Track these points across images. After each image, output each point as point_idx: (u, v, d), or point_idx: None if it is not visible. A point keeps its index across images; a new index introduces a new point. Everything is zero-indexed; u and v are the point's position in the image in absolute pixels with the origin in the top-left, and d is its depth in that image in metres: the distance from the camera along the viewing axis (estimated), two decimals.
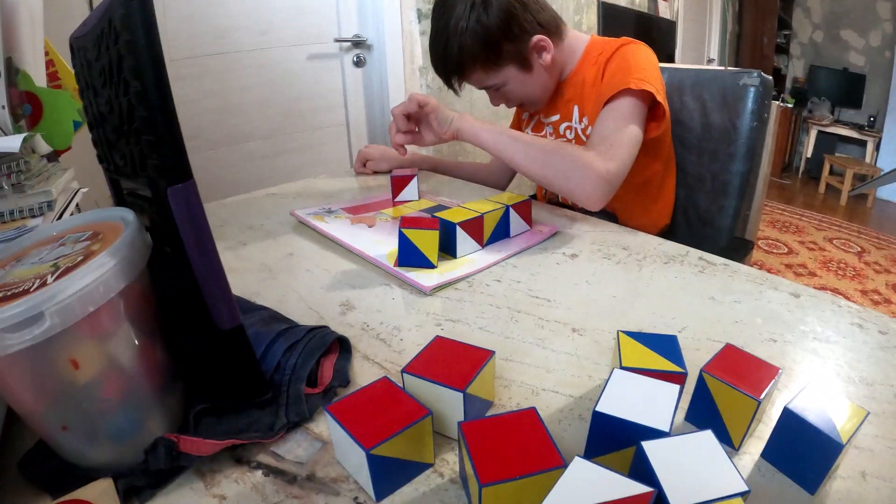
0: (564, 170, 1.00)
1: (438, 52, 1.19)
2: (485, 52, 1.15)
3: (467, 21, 1.11)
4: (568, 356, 0.62)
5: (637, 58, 1.15)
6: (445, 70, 1.21)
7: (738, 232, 1.42)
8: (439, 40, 1.17)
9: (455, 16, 1.12)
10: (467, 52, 1.15)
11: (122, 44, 0.38)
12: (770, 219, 5.03)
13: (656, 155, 1.28)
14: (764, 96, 1.26)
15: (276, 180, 1.40)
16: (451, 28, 1.13)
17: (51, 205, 0.80)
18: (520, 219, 0.94)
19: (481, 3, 1.11)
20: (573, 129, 1.28)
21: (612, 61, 1.17)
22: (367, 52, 2.70)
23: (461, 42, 1.13)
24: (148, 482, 0.44)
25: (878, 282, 3.76)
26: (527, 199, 0.94)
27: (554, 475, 0.36)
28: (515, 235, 0.94)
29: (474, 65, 1.18)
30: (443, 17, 1.15)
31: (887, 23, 5.82)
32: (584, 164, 0.99)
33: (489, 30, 1.12)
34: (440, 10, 1.16)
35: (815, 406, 0.43)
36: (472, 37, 1.13)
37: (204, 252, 0.43)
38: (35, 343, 0.36)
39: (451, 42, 1.14)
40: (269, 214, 1.08)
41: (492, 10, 1.11)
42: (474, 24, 1.11)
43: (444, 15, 1.14)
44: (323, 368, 0.58)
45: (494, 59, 1.17)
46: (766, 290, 0.75)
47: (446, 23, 1.13)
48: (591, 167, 0.98)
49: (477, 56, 1.16)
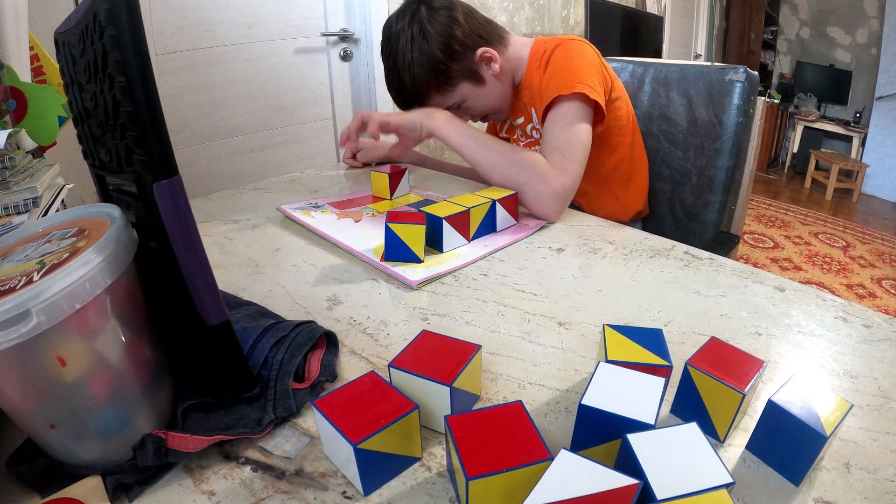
0: (522, 183, 1.00)
1: (395, 87, 1.25)
2: (435, 77, 1.20)
3: (411, 53, 1.18)
4: (554, 350, 0.62)
5: (570, 58, 1.15)
6: (406, 102, 1.26)
7: (723, 226, 1.43)
8: (392, 76, 1.23)
9: (400, 50, 1.19)
10: (420, 81, 1.20)
11: (107, 38, 0.38)
12: (756, 213, 5.06)
13: (616, 146, 1.30)
14: (750, 92, 1.27)
15: (263, 175, 1.40)
16: (399, 63, 1.20)
17: (36, 201, 0.80)
18: (506, 213, 0.94)
19: (419, 32, 1.17)
20: (537, 129, 1.31)
21: (550, 63, 1.19)
22: (354, 46, 2.69)
23: (412, 73, 1.19)
24: (136, 479, 0.44)
25: (863, 276, 3.81)
26: (513, 193, 0.94)
27: (540, 468, 0.37)
28: (502, 230, 0.94)
29: (429, 91, 1.22)
30: (390, 54, 1.22)
31: (874, 20, 5.87)
32: (540, 178, 1.00)
33: (433, 56, 1.17)
34: (386, 48, 1.23)
35: (799, 398, 0.44)
36: (419, 66, 1.18)
37: (190, 247, 0.43)
38: (22, 341, 0.36)
39: (403, 76, 1.20)
40: (256, 209, 1.08)
41: (431, 38, 1.17)
42: (418, 55, 1.17)
43: (391, 52, 1.21)
44: (310, 363, 0.58)
45: (446, 80, 1.22)
46: (752, 284, 0.76)
47: (394, 59, 1.20)
48: (547, 183, 0.99)
49: (429, 82, 1.21)
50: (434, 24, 1.17)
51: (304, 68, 2.57)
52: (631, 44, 4.01)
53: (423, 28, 1.17)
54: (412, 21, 1.18)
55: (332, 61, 2.65)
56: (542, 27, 3.47)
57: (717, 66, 1.32)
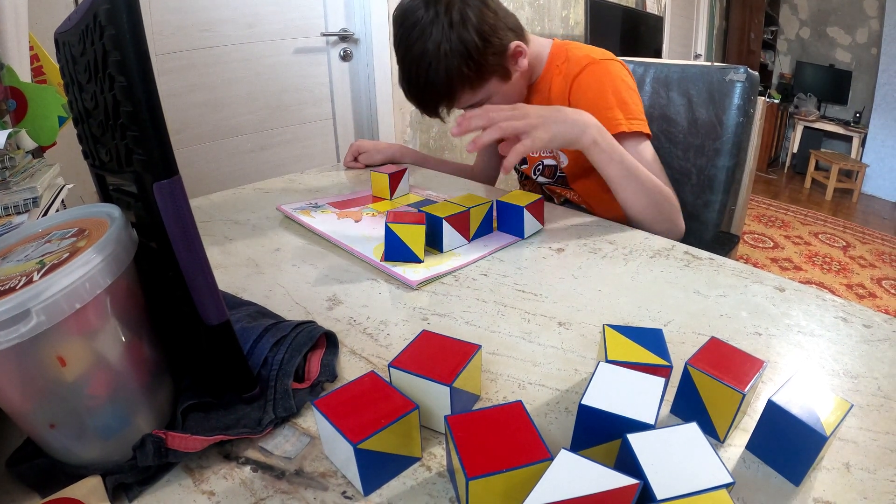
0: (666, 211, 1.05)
1: (419, 83, 1.12)
2: (472, 69, 1.10)
3: (450, 42, 1.06)
4: (554, 350, 0.62)
5: (619, 90, 1.14)
6: (432, 98, 1.15)
7: (723, 226, 1.43)
8: (417, 70, 1.10)
9: (433, 40, 1.07)
10: (455, 74, 1.10)
11: (107, 38, 0.38)
12: (756, 213, 5.06)
13: None
14: (750, 92, 1.27)
15: (263, 175, 1.39)
16: (431, 54, 1.07)
17: (36, 201, 0.80)
18: (533, 219, 0.93)
19: (459, 21, 1.07)
20: None
21: (583, 82, 1.17)
22: (354, 45, 2.69)
23: (447, 65, 1.08)
24: (136, 479, 0.44)
25: (863, 276, 3.81)
26: (539, 198, 0.93)
27: (540, 468, 0.37)
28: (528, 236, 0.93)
29: (462, 86, 1.13)
30: (417, 44, 1.08)
31: (874, 20, 5.87)
32: (675, 204, 1.07)
33: (474, 46, 1.08)
34: (408, 40, 1.10)
35: (799, 398, 0.44)
36: (457, 57, 1.08)
37: (190, 247, 0.43)
38: (22, 341, 0.35)
39: (436, 68, 1.08)
40: (256, 209, 1.08)
41: (471, 26, 1.07)
42: (457, 44, 1.07)
43: (419, 41, 1.08)
44: (310, 363, 0.58)
45: (481, 73, 1.13)
46: (752, 284, 0.76)
47: (423, 49, 1.08)
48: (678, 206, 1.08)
49: (465, 76, 1.11)
50: (473, 10, 1.08)
51: (304, 68, 2.57)
52: (631, 44, 4.01)
53: (463, 15, 1.07)
54: (449, 8, 1.06)
55: (332, 61, 2.65)
56: (542, 27, 3.47)
57: (717, 66, 1.32)
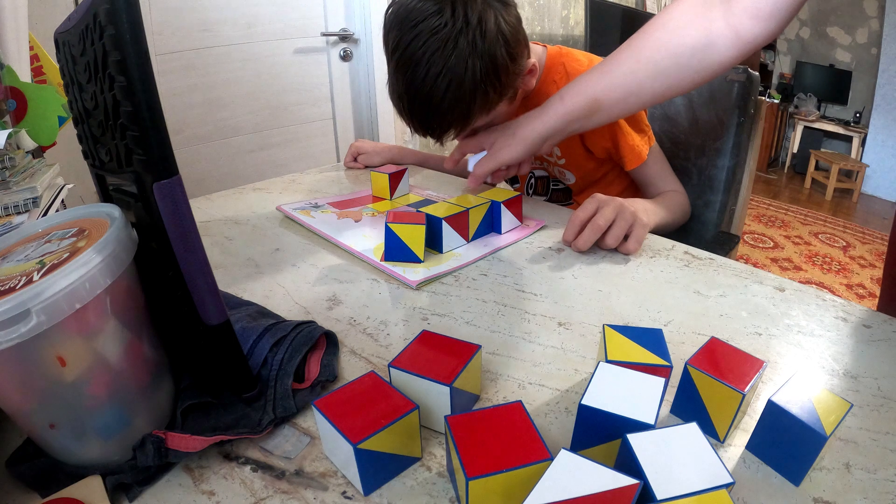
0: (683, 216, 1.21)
1: (434, 101, 0.91)
2: (496, 91, 0.94)
3: (481, 59, 0.89)
4: (554, 350, 0.62)
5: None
6: (444, 122, 0.95)
7: (723, 226, 1.43)
8: (435, 87, 0.89)
9: (456, 53, 0.87)
10: (481, 96, 0.92)
11: (107, 38, 0.38)
12: (756, 213, 5.06)
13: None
14: (750, 92, 1.27)
15: (263, 175, 1.39)
16: (452, 69, 0.88)
17: (36, 201, 0.80)
18: (511, 215, 0.94)
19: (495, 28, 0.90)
20: None
21: None
22: (354, 46, 2.69)
23: (475, 83, 0.89)
24: (136, 479, 0.44)
25: (863, 276, 3.80)
26: (517, 194, 0.94)
27: (540, 468, 0.37)
28: (506, 231, 0.94)
29: (479, 110, 0.95)
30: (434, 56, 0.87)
31: (874, 20, 5.86)
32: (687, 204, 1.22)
33: (503, 64, 0.92)
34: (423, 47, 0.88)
35: (799, 398, 0.44)
36: (489, 76, 0.91)
37: (190, 247, 0.43)
38: (22, 341, 0.35)
39: (460, 85, 0.89)
40: (256, 209, 1.08)
41: (501, 39, 0.91)
42: (488, 62, 0.90)
43: (438, 53, 0.87)
44: (310, 363, 0.58)
45: (501, 96, 0.96)
46: (752, 284, 0.76)
47: (444, 65, 0.88)
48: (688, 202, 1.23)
49: (489, 99, 0.94)
50: (507, 21, 0.92)
51: (304, 68, 2.57)
52: None
53: (498, 24, 0.90)
54: (484, 14, 0.88)
55: (331, 61, 2.65)
56: (541, 27, 3.47)
57: None
